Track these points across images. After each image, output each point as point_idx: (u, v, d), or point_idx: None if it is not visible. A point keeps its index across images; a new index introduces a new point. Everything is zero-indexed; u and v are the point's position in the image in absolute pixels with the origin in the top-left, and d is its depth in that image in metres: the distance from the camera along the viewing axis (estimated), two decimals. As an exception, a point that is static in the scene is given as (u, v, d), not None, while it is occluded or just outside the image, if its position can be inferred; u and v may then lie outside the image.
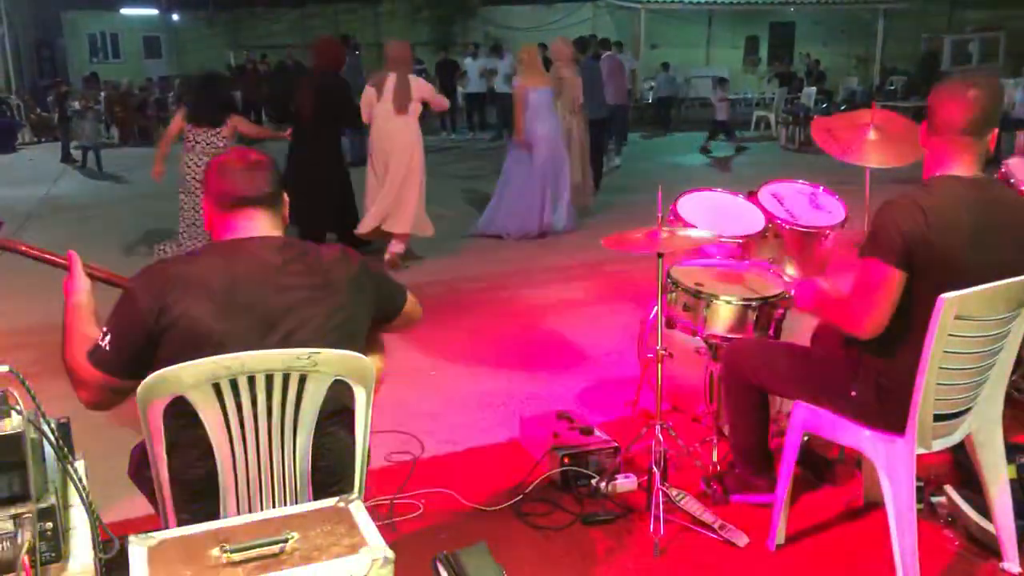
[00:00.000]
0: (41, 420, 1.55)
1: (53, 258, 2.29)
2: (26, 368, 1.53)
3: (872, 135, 3.51)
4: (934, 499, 3.00)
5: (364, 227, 6.95)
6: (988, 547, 2.78)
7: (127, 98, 18.47)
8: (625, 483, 3.17)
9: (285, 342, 1.93)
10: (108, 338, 1.97)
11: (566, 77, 8.38)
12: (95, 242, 7.93)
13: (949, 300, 2.25)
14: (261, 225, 2.08)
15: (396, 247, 6.95)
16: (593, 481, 3.18)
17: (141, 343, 1.93)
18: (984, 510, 2.76)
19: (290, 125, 7.17)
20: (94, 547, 1.59)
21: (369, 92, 6.81)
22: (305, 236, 6.28)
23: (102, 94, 18.57)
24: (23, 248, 2.31)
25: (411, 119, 6.80)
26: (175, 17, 26.42)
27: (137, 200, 10.45)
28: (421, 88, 6.86)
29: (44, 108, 18.52)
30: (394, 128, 6.76)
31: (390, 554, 1.63)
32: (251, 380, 1.86)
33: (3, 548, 1.44)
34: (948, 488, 2.97)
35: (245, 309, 1.94)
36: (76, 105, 17.35)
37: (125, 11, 25.20)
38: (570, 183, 8.20)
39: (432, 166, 7.36)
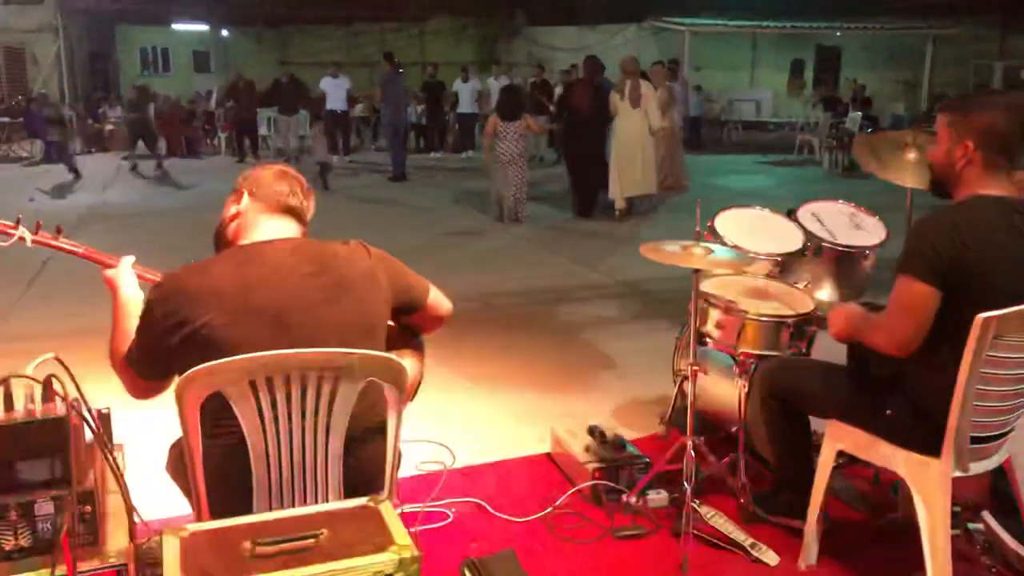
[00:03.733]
0: (83, 407, 1.60)
1: (103, 258, 2.36)
2: (72, 364, 1.58)
3: (913, 156, 3.47)
4: (971, 525, 2.95)
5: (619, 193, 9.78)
6: (1026, 576, 2.72)
7: (176, 110, 18.83)
8: (656, 499, 3.16)
9: (298, 344, 1.93)
10: (135, 342, 2.06)
11: (645, 93, 10.07)
12: (137, 251, 8.06)
13: (986, 320, 2.21)
14: (288, 232, 2.15)
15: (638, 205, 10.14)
16: (624, 496, 3.17)
17: (161, 354, 2.00)
18: (1023, 537, 2.71)
19: (563, 121, 10.20)
20: (130, 534, 1.63)
21: (615, 96, 9.61)
22: (587, 194, 9.98)
23: (151, 105, 18.92)
24: (70, 248, 2.38)
25: (642, 113, 9.57)
26: (224, 33, 26.92)
27: (181, 213, 10.62)
28: (647, 88, 9.65)
29: (96, 119, 18.98)
30: (632, 119, 9.57)
31: (417, 553, 1.65)
32: (287, 379, 1.89)
33: (43, 529, 1.48)
34: (986, 514, 2.91)
35: (258, 313, 1.97)
36: (117, 114, 17.81)
37: (176, 26, 25.72)
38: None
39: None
